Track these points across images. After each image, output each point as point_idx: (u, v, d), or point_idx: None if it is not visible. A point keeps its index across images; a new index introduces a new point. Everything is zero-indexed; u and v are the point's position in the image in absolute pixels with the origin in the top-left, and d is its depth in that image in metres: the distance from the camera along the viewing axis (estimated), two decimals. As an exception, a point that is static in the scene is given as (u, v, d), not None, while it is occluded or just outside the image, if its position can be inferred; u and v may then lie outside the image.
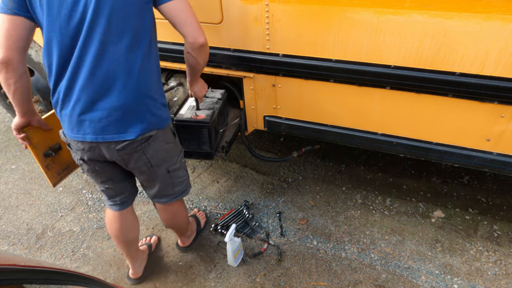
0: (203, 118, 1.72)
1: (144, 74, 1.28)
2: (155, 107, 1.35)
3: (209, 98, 1.89)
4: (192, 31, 1.27)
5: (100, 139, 1.30)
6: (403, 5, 1.34)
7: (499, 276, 1.89)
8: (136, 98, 1.28)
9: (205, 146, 1.78)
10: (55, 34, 1.18)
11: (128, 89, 1.25)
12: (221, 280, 1.93)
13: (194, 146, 1.80)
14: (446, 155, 1.69)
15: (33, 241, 2.22)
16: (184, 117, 1.74)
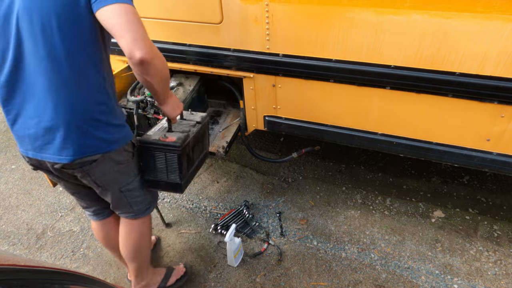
0: (172, 141, 1.39)
1: (78, 90, 1.12)
2: (100, 130, 1.19)
3: (186, 121, 1.58)
4: (126, 44, 1.02)
5: (39, 157, 1.21)
6: (403, 5, 1.34)
7: (499, 276, 1.89)
8: (69, 119, 1.13)
9: (173, 176, 1.44)
10: None
11: (58, 108, 1.12)
12: (221, 280, 1.93)
13: (160, 175, 1.45)
14: (446, 155, 1.69)
15: (33, 241, 2.22)
16: (150, 139, 1.41)
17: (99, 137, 1.20)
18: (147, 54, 1.03)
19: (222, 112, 2.30)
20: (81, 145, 1.18)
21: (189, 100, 2.00)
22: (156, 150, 1.40)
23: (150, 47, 1.04)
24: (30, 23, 1.04)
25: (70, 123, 1.14)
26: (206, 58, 1.82)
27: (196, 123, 1.57)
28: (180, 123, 1.56)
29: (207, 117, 1.68)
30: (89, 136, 1.18)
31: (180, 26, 1.76)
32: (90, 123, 1.17)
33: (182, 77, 2.08)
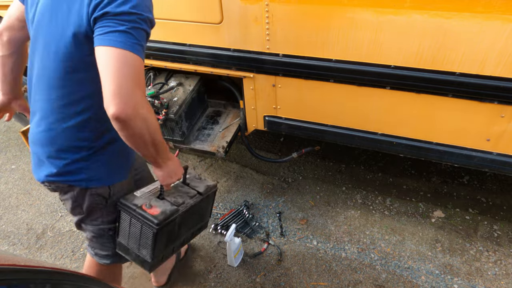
0: (153, 215, 1.18)
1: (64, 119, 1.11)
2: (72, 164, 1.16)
3: (187, 188, 1.37)
4: (105, 95, 0.91)
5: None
6: (403, 5, 1.34)
7: (499, 276, 1.89)
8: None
9: (145, 251, 1.24)
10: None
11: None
12: (221, 280, 1.93)
13: (132, 244, 1.28)
14: (446, 155, 1.69)
15: (33, 241, 2.22)
16: (133, 201, 1.23)
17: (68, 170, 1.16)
18: (123, 112, 0.89)
19: (222, 112, 2.30)
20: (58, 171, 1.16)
21: (189, 100, 2.01)
22: (133, 216, 1.22)
23: (130, 105, 0.89)
24: (36, 37, 1.09)
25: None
26: (206, 58, 1.82)
27: (197, 193, 1.35)
28: (178, 188, 1.34)
29: (214, 188, 1.45)
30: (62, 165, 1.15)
31: (180, 26, 1.76)
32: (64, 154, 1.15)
33: (182, 77, 2.08)
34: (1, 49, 1.25)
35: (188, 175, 1.41)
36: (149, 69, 2.06)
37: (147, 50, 1.90)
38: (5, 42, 1.24)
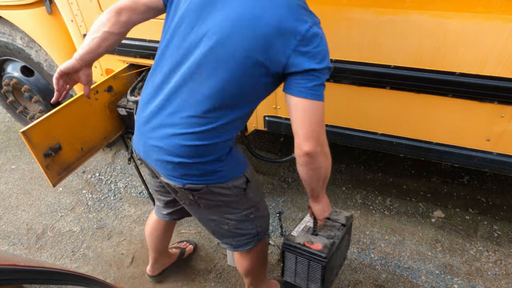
0: (318, 250, 1.31)
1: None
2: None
3: (330, 221, 1.51)
4: (298, 140, 1.11)
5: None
6: (403, 5, 1.34)
7: (499, 276, 1.89)
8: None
9: (314, 285, 1.37)
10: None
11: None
12: (221, 280, 1.93)
13: (300, 280, 1.42)
14: (446, 155, 1.68)
15: (33, 241, 2.22)
16: (295, 241, 1.36)
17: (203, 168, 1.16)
18: (313, 150, 1.10)
19: (222, 112, 2.30)
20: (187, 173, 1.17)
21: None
22: (299, 254, 1.35)
23: (318, 144, 1.12)
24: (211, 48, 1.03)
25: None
26: (206, 58, 1.82)
27: (341, 225, 1.46)
28: (324, 223, 1.46)
29: (352, 218, 1.56)
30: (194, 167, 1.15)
31: (180, 26, 1.76)
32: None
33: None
34: (113, 26, 1.19)
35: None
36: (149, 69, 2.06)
37: (149, 50, 1.90)
38: (122, 21, 1.19)
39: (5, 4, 2.07)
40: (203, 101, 1.07)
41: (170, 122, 1.12)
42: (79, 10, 1.92)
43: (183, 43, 1.10)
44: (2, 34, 2.32)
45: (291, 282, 1.46)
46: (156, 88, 1.18)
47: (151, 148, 1.19)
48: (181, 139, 1.10)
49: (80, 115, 1.73)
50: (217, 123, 1.10)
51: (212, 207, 1.28)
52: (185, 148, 1.11)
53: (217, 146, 1.13)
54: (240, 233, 1.37)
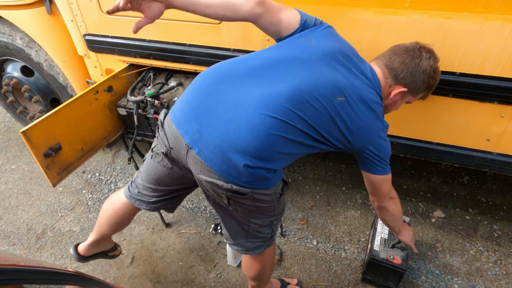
0: (399, 264, 1.69)
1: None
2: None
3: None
4: (376, 201, 1.40)
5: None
6: (403, 5, 1.34)
7: (499, 276, 1.89)
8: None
9: (391, 283, 1.79)
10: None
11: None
12: (221, 280, 1.93)
13: (380, 279, 1.81)
14: (446, 155, 1.68)
15: (33, 241, 2.22)
16: (379, 256, 1.72)
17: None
18: (384, 204, 1.39)
19: (222, 112, 2.30)
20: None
21: None
22: (384, 268, 1.72)
23: (388, 201, 1.39)
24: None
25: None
26: (206, 58, 1.82)
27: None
28: (393, 233, 1.70)
29: (411, 222, 1.96)
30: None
31: (180, 26, 1.76)
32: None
33: (182, 77, 2.07)
34: (239, 6, 1.17)
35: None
36: (149, 69, 2.06)
37: (147, 50, 1.90)
38: (250, 11, 1.18)
39: (5, 4, 2.07)
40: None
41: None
42: (79, 10, 1.92)
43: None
44: (2, 34, 2.32)
45: (370, 279, 1.84)
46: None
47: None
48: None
49: (80, 115, 1.73)
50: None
51: (243, 212, 1.25)
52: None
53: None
54: (256, 236, 1.37)
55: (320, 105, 1.10)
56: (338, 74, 1.15)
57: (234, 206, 1.22)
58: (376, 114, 1.21)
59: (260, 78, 1.12)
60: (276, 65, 1.14)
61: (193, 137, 1.12)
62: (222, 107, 1.10)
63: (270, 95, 1.08)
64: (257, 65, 1.15)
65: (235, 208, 1.23)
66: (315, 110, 1.10)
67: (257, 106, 1.07)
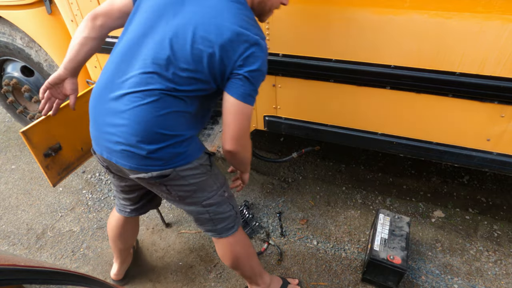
0: (399, 264, 1.68)
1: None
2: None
3: (398, 230, 1.83)
4: (223, 136, 1.22)
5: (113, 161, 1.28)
6: (403, 5, 1.34)
7: (499, 276, 1.89)
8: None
9: (391, 283, 1.78)
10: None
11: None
12: (221, 280, 1.93)
13: (380, 279, 1.80)
14: (446, 155, 1.69)
15: (33, 241, 2.22)
16: (379, 257, 1.72)
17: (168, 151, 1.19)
18: (234, 149, 1.20)
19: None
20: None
21: None
22: (384, 268, 1.72)
23: (239, 145, 1.20)
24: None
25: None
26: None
27: (406, 234, 1.81)
28: (393, 233, 1.82)
29: (411, 222, 1.92)
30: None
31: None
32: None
33: None
34: (90, 31, 1.29)
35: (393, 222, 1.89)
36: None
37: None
38: (97, 26, 1.29)
39: (5, 4, 2.07)
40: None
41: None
42: (79, 10, 1.92)
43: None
44: (2, 34, 2.32)
45: (370, 279, 1.83)
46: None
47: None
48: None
49: (80, 115, 1.72)
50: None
51: (187, 195, 1.30)
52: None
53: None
54: (222, 218, 1.42)
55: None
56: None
57: (175, 192, 1.28)
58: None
59: (125, 69, 1.16)
60: (138, 40, 1.16)
61: (105, 151, 1.23)
62: (105, 116, 1.19)
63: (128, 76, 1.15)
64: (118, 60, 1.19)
65: (177, 194, 1.29)
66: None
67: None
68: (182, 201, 1.33)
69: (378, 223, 1.87)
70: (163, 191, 1.29)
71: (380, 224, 1.86)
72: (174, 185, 1.25)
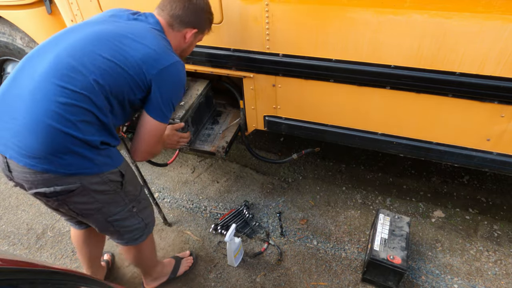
0: (399, 264, 1.68)
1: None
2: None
3: (398, 230, 1.83)
4: (132, 147, 1.34)
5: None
6: (403, 5, 1.34)
7: (499, 276, 1.89)
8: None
9: (391, 283, 1.79)
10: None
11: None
12: (221, 280, 1.93)
13: (380, 279, 1.80)
14: (446, 155, 1.69)
15: (33, 241, 2.22)
16: (379, 256, 1.72)
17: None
18: (142, 159, 1.40)
19: (222, 112, 2.30)
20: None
21: (196, 105, 1.95)
22: (384, 268, 1.72)
23: (142, 157, 1.37)
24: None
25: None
26: (206, 58, 1.82)
27: (406, 233, 1.82)
28: (393, 233, 1.81)
29: (411, 222, 1.95)
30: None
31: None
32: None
33: (189, 80, 2.06)
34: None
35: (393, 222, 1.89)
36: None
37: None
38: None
39: (5, 4, 2.07)
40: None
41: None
42: (79, 10, 1.92)
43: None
44: (2, 34, 2.32)
45: (370, 278, 1.84)
46: None
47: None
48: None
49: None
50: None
51: (91, 214, 1.26)
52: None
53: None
54: (128, 231, 1.41)
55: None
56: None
57: (79, 211, 1.23)
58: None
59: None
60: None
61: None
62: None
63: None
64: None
65: (82, 213, 1.25)
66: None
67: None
68: (86, 218, 1.31)
69: (378, 223, 1.87)
70: (62, 206, 1.22)
71: (380, 224, 1.86)
72: (75, 201, 1.19)
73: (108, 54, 1.13)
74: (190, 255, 2.01)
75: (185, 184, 2.56)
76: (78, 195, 1.16)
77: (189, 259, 1.98)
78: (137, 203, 1.39)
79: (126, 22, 1.29)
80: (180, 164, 2.74)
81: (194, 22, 1.37)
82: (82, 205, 1.21)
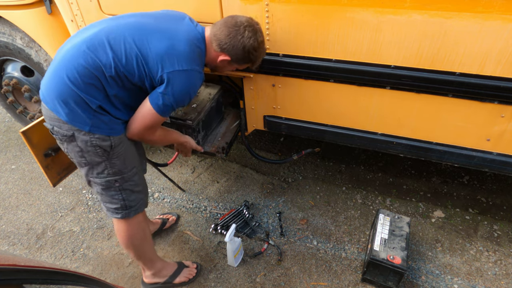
0: (399, 264, 1.68)
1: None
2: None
3: (398, 230, 1.84)
4: (129, 125, 1.43)
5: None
6: (403, 5, 1.34)
7: (499, 276, 1.89)
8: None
9: (391, 283, 1.78)
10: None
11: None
12: (221, 280, 1.93)
13: (380, 279, 1.80)
14: (446, 155, 1.69)
15: (33, 241, 2.22)
16: (380, 257, 1.72)
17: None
18: (132, 137, 1.45)
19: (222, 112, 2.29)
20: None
21: (208, 109, 1.94)
22: (384, 268, 1.72)
23: (131, 135, 1.43)
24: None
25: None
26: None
27: (406, 234, 1.83)
28: (393, 232, 1.82)
29: (410, 222, 1.94)
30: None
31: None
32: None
33: (202, 85, 2.05)
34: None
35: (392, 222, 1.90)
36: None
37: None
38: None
39: (5, 4, 2.07)
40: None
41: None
42: (79, 10, 1.92)
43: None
44: (2, 34, 2.32)
45: (370, 278, 1.83)
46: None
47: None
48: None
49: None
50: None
51: (81, 166, 1.43)
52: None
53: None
54: (108, 200, 1.51)
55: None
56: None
57: (73, 158, 1.41)
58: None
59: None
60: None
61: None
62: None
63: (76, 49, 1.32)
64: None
65: (75, 161, 1.42)
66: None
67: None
68: (74, 158, 1.44)
69: (378, 223, 1.87)
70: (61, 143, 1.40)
71: (380, 224, 1.86)
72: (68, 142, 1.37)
73: (138, 42, 1.30)
74: (196, 267, 1.95)
75: (185, 184, 2.56)
76: (71, 143, 1.35)
77: (192, 270, 1.93)
78: (122, 180, 1.47)
79: (173, 22, 1.41)
80: (180, 164, 2.74)
81: (231, 53, 1.43)
82: (74, 153, 1.38)
